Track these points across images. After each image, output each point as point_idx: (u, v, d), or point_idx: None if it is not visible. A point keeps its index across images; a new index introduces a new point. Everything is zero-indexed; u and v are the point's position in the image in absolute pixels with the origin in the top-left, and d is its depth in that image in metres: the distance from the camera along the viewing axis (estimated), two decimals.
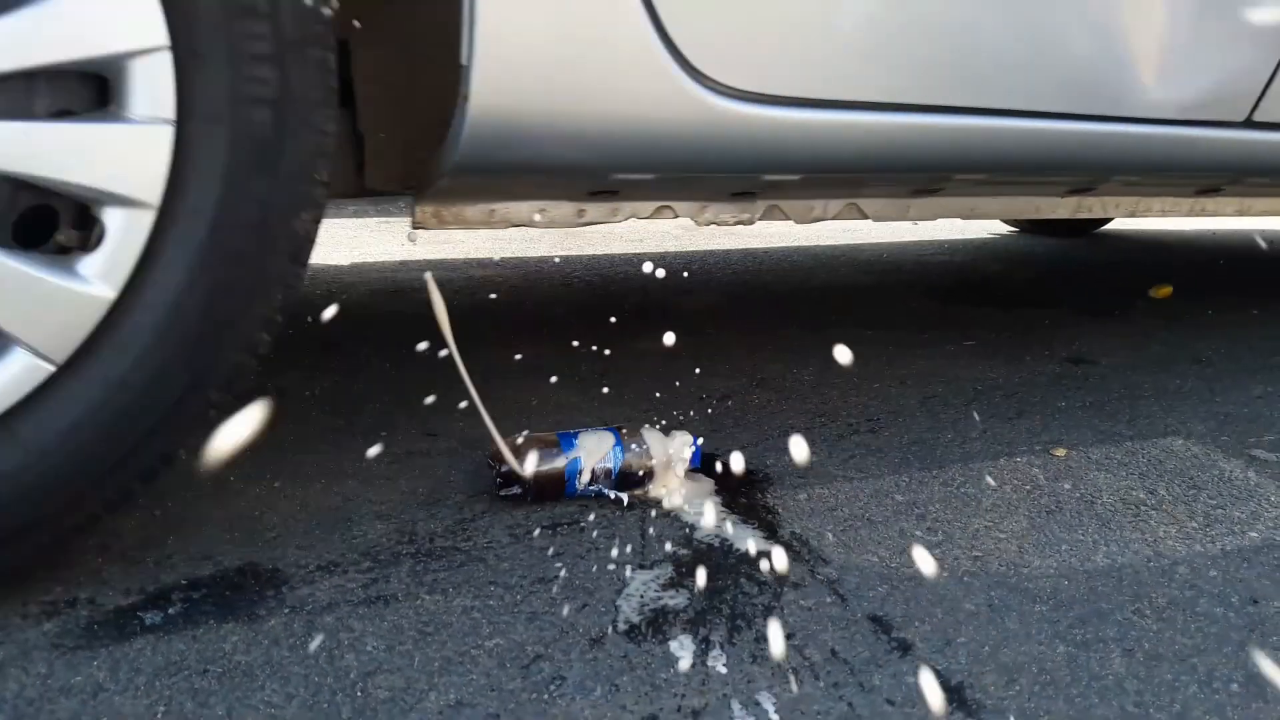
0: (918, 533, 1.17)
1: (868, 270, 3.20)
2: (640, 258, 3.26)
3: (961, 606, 1.00)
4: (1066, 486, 1.33)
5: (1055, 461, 1.42)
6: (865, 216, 1.73)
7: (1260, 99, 1.52)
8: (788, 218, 1.66)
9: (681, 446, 1.27)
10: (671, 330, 2.14)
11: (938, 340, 2.16)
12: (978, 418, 1.60)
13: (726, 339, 2.10)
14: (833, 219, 1.73)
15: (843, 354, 1.60)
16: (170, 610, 0.93)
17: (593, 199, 1.45)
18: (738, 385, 1.75)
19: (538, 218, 1.43)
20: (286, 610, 0.94)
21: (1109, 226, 4.37)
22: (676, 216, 1.53)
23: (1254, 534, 1.20)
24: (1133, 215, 2.10)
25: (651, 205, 1.51)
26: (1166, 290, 2.89)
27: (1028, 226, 4.24)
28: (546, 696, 0.83)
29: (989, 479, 1.34)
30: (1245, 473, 1.40)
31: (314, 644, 0.89)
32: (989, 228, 4.28)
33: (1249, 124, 1.54)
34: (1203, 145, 1.54)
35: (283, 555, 1.05)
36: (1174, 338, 2.28)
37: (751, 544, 1.12)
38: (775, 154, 1.25)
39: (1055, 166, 1.52)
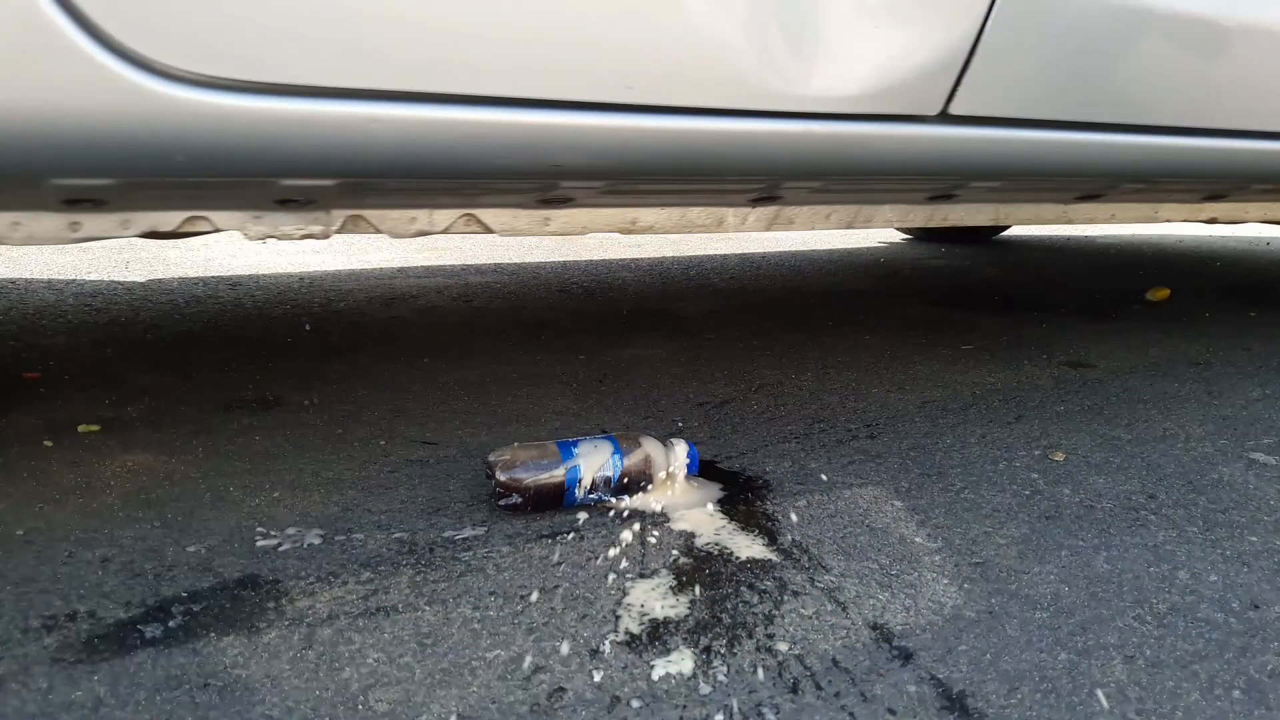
0: (917, 539, 1.17)
1: (865, 274, 3.20)
2: (638, 263, 3.26)
3: (962, 614, 1.00)
4: (1066, 491, 1.33)
5: (1054, 466, 1.42)
6: (490, 230, 1.44)
7: (956, 88, 1.25)
8: (379, 230, 1.36)
9: (680, 454, 1.26)
10: (669, 336, 2.14)
11: (935, 344, 2.16)
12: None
13: (724, 344, 2.10)
14: (444, 232, 1.42)
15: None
16: (171, 623, 0.93)
17: (80, 210, 1.18)
18: (736, 391, 1.75)
19: (15, 233, 1.19)
20: (286, 622, 0.94)
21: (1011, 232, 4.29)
22: (216, 230, 1.25)
23: (1254, 538, 1.20)
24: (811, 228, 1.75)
25: (174, 216, 1.22)
26: (1164, 293, 2.89)
27: (920, 234, 4.07)
28: (547, 709, 0.83)
29: (988, 484, 1.34)
30: (1244, 476, 1.40)
31: (314, 656, 0.88)
32: (881, 236, 4.18)
33: (945, 118, 1.27)
34: (882, 145, 1.26)
35: (282, 567, 1.04)
36: (1171, 341, 2.28)
37: (751, 552, 1.12)
38: (269, 154, 1.00)
39: (670, 170, 1.22)
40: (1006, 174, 1.47)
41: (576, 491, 1.19)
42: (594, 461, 1.20)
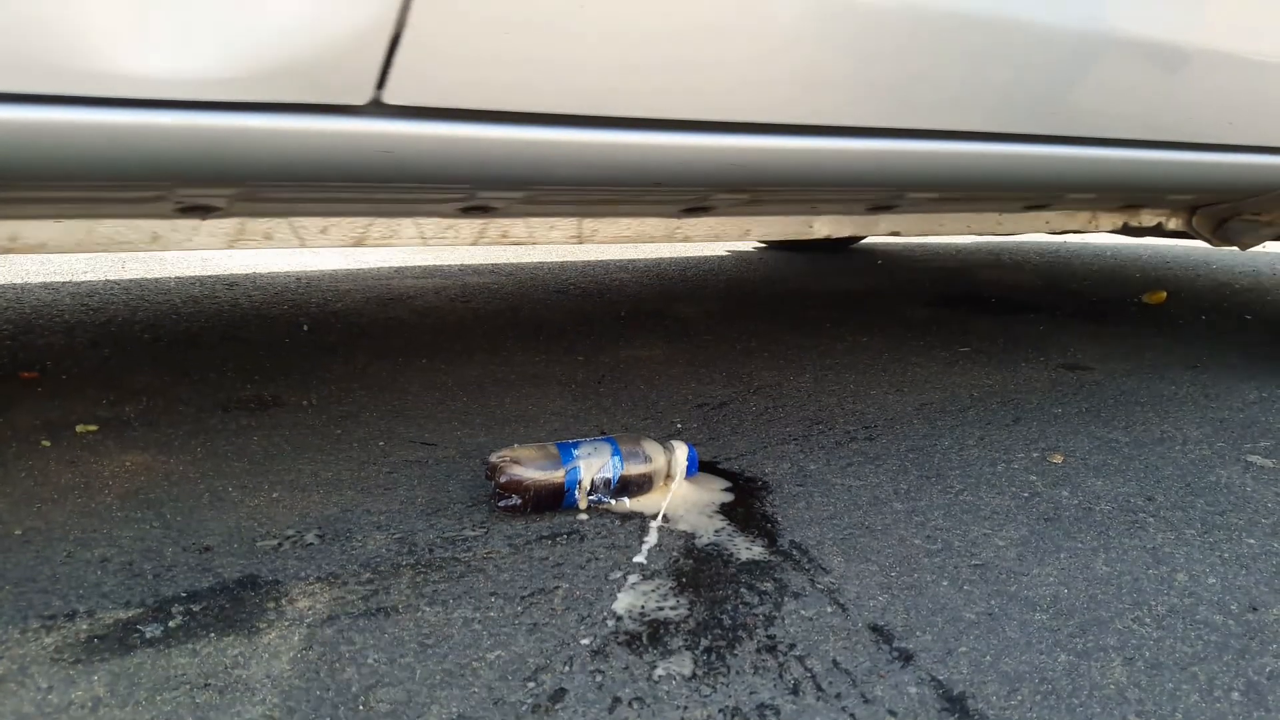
0: (917, 541, 1.17)
1: (862, 276, 3.21)
2: (635, 264, 3.26)
3: (962, 615, 1.00)
4: (1065, 493, 1.33)
5: (1053, 468, 1.42)
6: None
7: (386, 70, 0.92)
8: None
9: (680, 455, 1.27)
10: (667, 337, 2.14)
11: (933, 347, 2.16)
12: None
13: (722, 346, 2.10)
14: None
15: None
16: (170, 623, 0.93)
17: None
18: (734, 393, 1.75)
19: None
20: (287, 623, 0.94)
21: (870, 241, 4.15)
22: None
23: (1251, 540, 1.20)
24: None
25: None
26: (1160, 296, 2.90)
27: (777, 242, 3.87)
28: (548, 709, 0.83)
29: (987, 486, 1.34)
30: (1242, 478, 1.40)
31: (314, 657, 0.88)
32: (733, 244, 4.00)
33: (379, 109, 0.96)
34: (292, 144, 0.96)
35: (282, 567, 1.04)
36: (1168, 343, 2.28)
37: (751, 553, 1.12)
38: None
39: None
40: (472, 180, 1.19)
41: (577, 493, 1.19)
42: (594, 463, 1.20)
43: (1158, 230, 2.20)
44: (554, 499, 1.19)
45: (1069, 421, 1.64)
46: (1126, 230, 2.17)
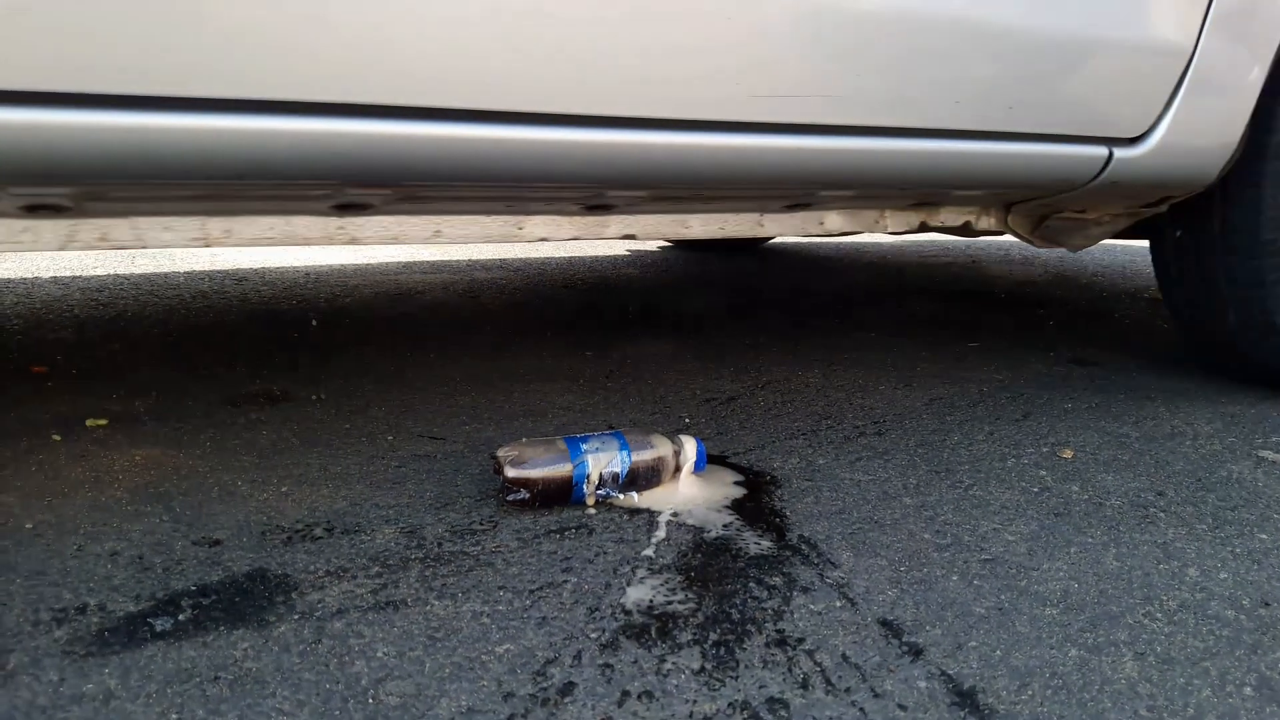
0: (926, 535, 1.16)
1: (870, 272, 3.20)
2: (643, 257, 3.26)
3: (972, 610, 1.00)
4: (1075, 488, 1.32)
5: (1063, 463, 1.42)
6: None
7: None
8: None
9: (688, 450, 1.26)
10: (675, 332, 2.14)
11: (942, 342, 2.16)
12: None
13: (730, 341, 2.10)
14: None
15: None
16: (180, 617, 0.93)
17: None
18: (743, 387, 1.75)
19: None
20: (296, 616, 0.94)
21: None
22: None
23: (1264, 535, 1.19)
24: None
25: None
26: None
27: (680, 243, 3.72)
28: (557, 702, 0.83)
29: (997, 481, 1.34)
30: (1254, 473, 1.39)
31: (324, 650, 0.88)
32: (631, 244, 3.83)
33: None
34: None
35: (292, 560, 1.04)
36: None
37: (759, 547, 1.12)
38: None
39: None
40: None
41: (584, 487, 1.19)
42: (602, 458, 1.20)
43: (966, 230, 1.90)
44: (562, 493, 1.19)
45: (1079, 416, 1.64)
46: (926, 229, 1.89)
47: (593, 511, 1.19)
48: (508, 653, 0.89)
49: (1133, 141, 1.48)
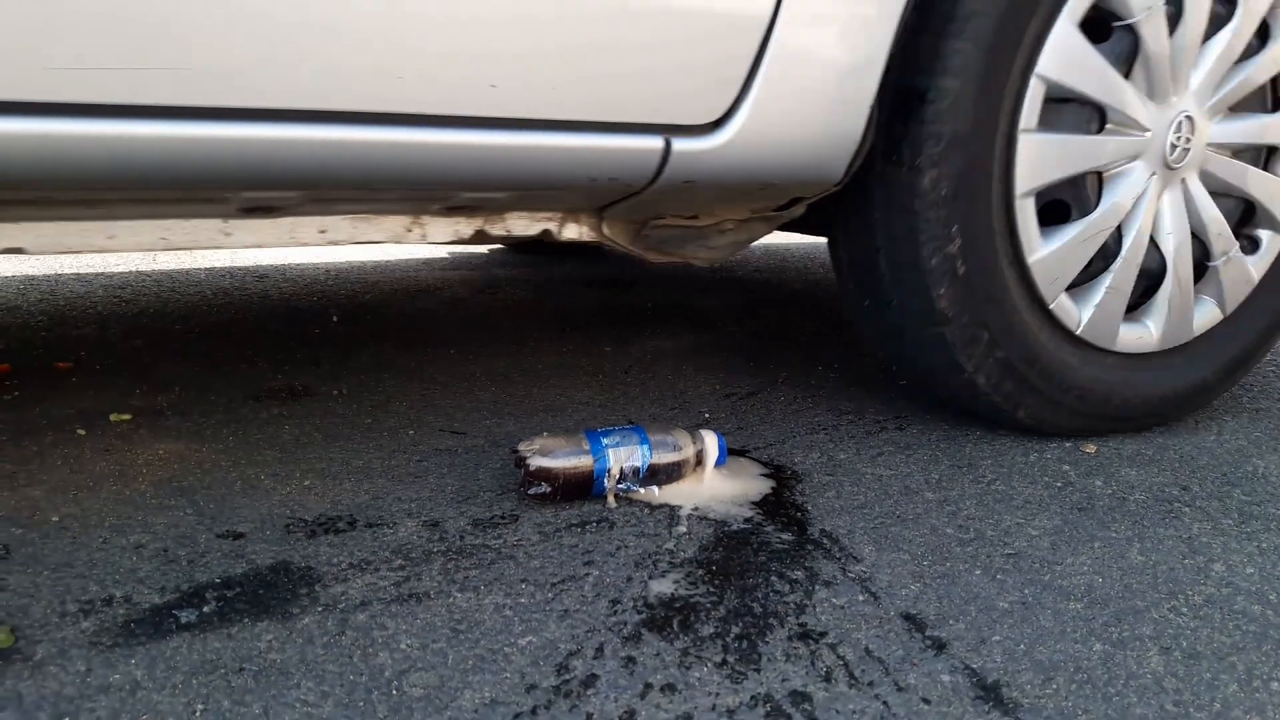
0: (949, 530, 1.16)
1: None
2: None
3: (995, 604, 0.99)
4: (1098, 483, 1.31)
5: (1086, 457, 1.41)
6: None
7: None
8: None
9: (709, 444, 1.26)
10: (693, 328, 2.14)
11: None
12: None
13: (749, 337, 2.09)
14: None
15: None
16: (205, 609, 0.94)
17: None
18: (762, 382, 1.74)
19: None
20: (320, 608, 0.94)
21: None
22: None
23: None
24: None
25: None
26: None
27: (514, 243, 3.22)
28: (580, 694, 0.83)
29: (1020, 475, 1.33)
30: (1279, 468, 1.38)
31: (348, 642, 0.89)
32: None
33: None
34: None
35: (315, 553, 1.05)
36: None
37: (781, 541, 1.11)
38: None
39: None
40: None
41: (605, 481, 1.19)
42: (623, 452, 1.20)
43: (549, 239, 1.47)
44: (583, 487, 1.19)
45: None
46: (486, 239, 1.45)
47: (614, 506, 1.19)
48: (530, 645, 0.90)
49: (703, 131, 1.18)
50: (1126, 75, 1.35)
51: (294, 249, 3.15)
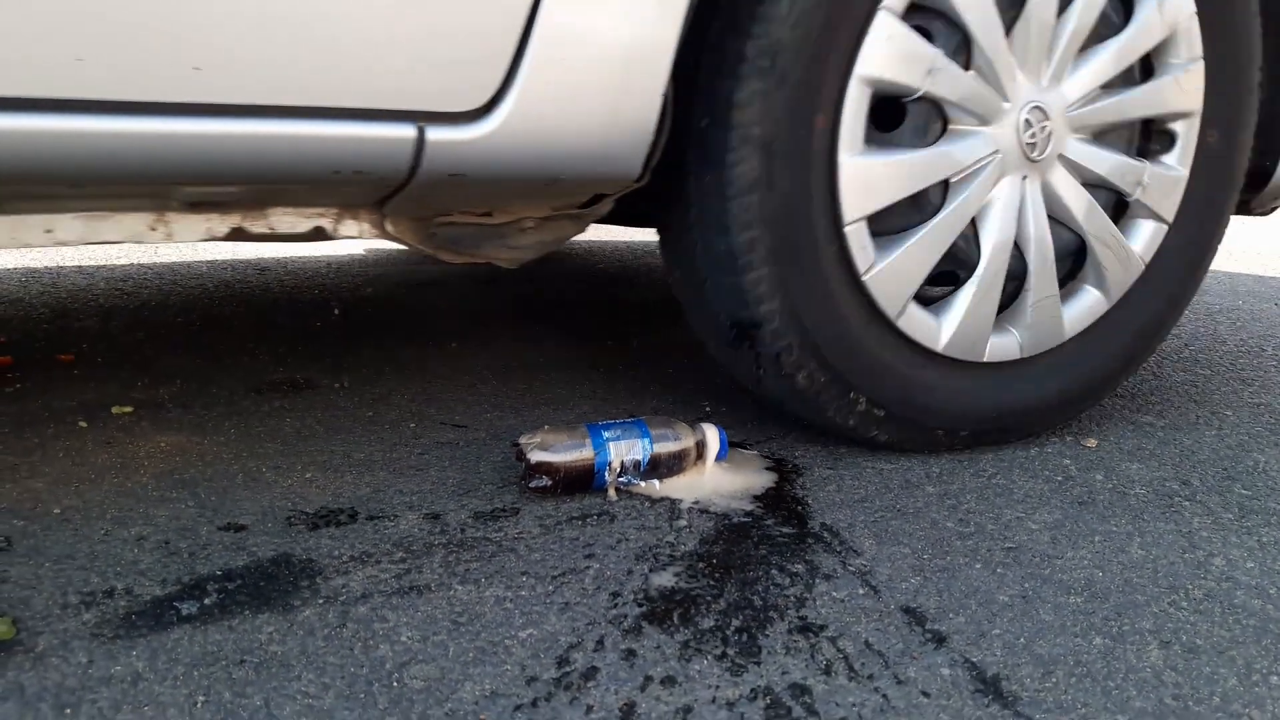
0: (949, 524, 1.16)
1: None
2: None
3: (995, 598, 1.00)
4: (1099, 477, 1.32)
5: (1087, 452, 1.41)
6: None
7: None
8: None
9: (710, 438, 1.26)
10: None
11: None
12: None
13: None
14: None
15: None
16: (206, 601, 0.94)
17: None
18: None
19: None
20: (321, 601, 0.94)
21: None
22: None
23: None
24: None
25: None
26: None
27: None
28: (580, 687, 0.83)
29: (1020, 470, 1.33)
30: None
31: (349, 634, 0.89)
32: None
33: None
34: None
35: (316, 546, 1.05)
36: (1203, 328, 2.26)
37: (782, 535, 1.12)
38: None
39: None
40: None
41: (606, 475, 1.19)
42: (624, 445, 1.20)
43: (320, 237, 1.29)
44: (584, 480, 1.19)
45: (1102, 405, 1.62)
46: (246, 237, 1.25)
47: (614, 499, 1.19)
48: (530, 637, 0.90)
49: (465, 119, 1.06)
50: (967, 66, 1.25)
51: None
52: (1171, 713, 0.83)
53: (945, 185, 1.28)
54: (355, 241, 3.17)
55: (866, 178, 1.22)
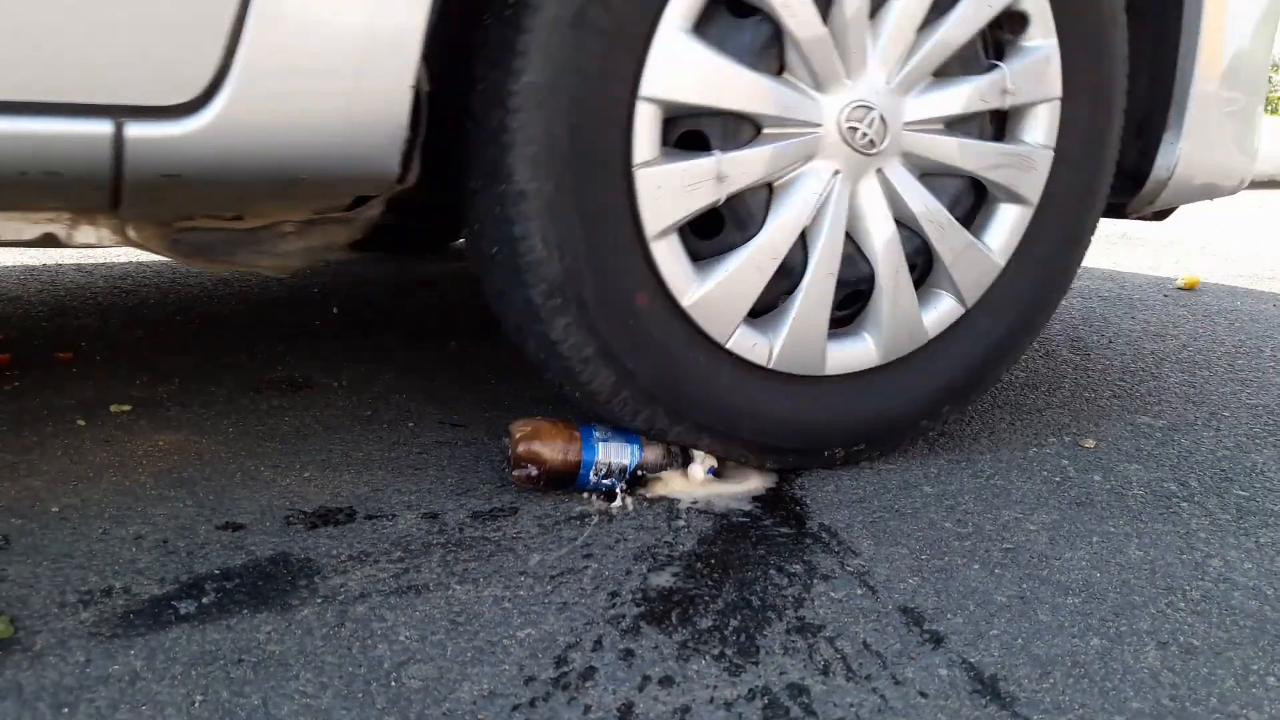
0: (947, 524, 1.16)
1: None
2: None
3: (993, 599, 1.00)
4: (1097, 478, 1.32)
5: (1085, 453, 1.41)
6: None
7: None
8: None
9: (698, 454, 1.26)
10: None
11: None
12: None
13: None
14: None
15: None
16: (204, 600, 0.94)
17: None
18: None
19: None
20: (319, 600, 0.94)
21: None
22: None
23: None
24: None
25: None
26: (1194, 281, 2.86)
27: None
28: (578, 687, 0.83)
29: (1018, 470, 1.33)
30: (1278, 464, 1.38)
31: (347, 633, 0.89)
32: None
33: None
34: None
35: (314, 545, 1.05)
36: (1202, 329, 2.26)
37: (780, 535, 1.12)
38: None
39: None
40: None
41: (591, 475, 1.18)
42: (613, 447, 1.20)
43: (52, 243, 1.16)
44: (569, 476, 1.18)
45: (1100, 406, 1.63)
46: None
47: (614, 499, 1.19)
48: (529, 637, 0.90)
49: (174, 114, 0.95)
50: (780, 68, 1.16)
51: None
52: (1169, 713, 0.83)
53: (770, 191, 1.19)
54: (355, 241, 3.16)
55: (664, 190, 1.13)
